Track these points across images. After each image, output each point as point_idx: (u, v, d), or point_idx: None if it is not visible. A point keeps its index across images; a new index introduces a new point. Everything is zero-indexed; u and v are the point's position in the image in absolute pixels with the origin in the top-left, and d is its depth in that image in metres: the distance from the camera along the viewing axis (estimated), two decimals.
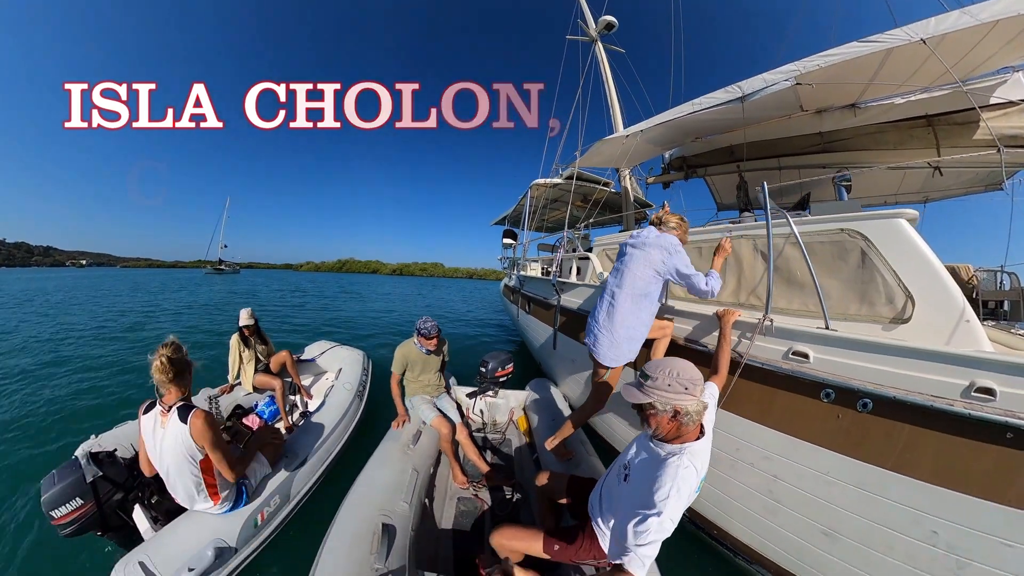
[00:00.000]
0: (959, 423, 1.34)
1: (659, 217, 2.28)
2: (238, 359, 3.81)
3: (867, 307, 1.73)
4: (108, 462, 2.13)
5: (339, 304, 16.31)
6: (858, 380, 1.59)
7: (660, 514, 1.15)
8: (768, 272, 1.94)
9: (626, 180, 6.04)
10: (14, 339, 7.39)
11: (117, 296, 16.39)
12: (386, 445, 2.64)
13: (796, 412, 1.82)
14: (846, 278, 1.82)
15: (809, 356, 1.76)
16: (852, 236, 1.79)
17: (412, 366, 3.19)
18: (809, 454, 1.77)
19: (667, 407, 1.25)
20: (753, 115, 3.31)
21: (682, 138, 4.09)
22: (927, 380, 1.41)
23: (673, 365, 1.29)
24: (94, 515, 1.98)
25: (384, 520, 1.88)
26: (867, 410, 1.56)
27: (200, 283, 28.88)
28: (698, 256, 2.64)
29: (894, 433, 1.50)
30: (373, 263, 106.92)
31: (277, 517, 2.29)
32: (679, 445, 1.30)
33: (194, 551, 1.86)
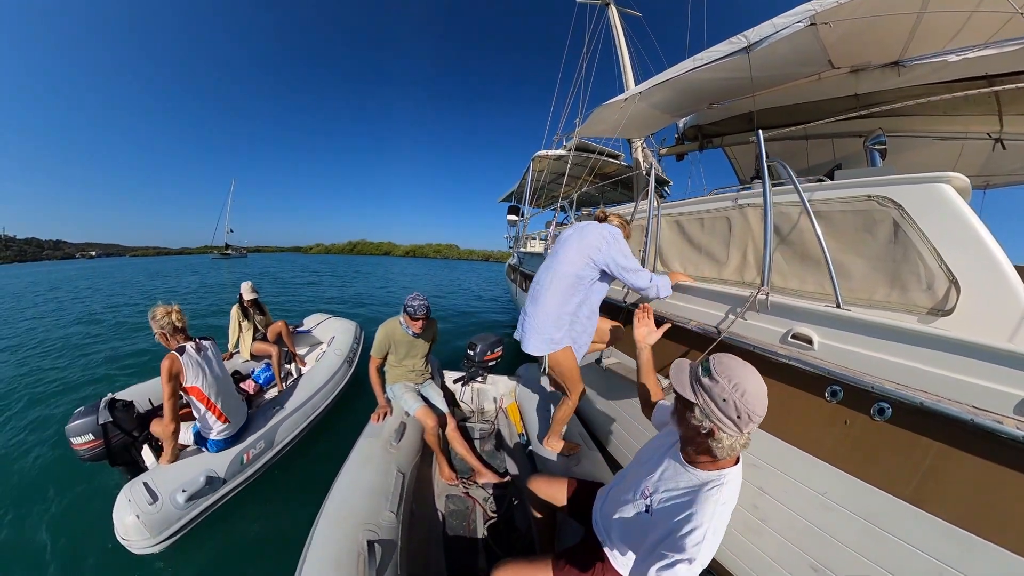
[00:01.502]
0: (1007, 449, 1.01)
1: (603, 214, 2.22)
2: (237, 329, 4.26)
3: (898, 292, 1.44)
4: (121, 410, 2.62)
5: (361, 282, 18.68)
6: (875, 377, 1.27)
7: (691, 561, 0.97)
8: (766, 238, 1.69)
9: (638, 152, 5.69)
10: (67, 316, 9.42)
11: (138, 283, 18.37)
12: (365, 443, 2.43)
13: (792, 411, 1.54)
14: (873, 255, 1.52)
15: (813, 341, 1.48)
16: (882, 204, 1.49)
17: (396, 348, 2.94)
18: (805, 467, 1.50)
19: (705, 421, 1.05)
20: (771, 73, 2.93)
21: (694, 104, 3.71)
22: (970, 385, 1.09)
23: (744, 380, 1.04)
24: (102, 450, 2.50)
25: (369, 536, 1.69)
26: (884, 418, 1.26)
27: (208, 268, 29.98)
28: (700, 228, 2.38)
29: (917, 452, 1.19)
30: (385, 244, 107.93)
31: (262, 459, 2.81)
32: (717, 472, 1.10)
33: (189, 477, 2.35)
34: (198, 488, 2.32)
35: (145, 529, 2.13)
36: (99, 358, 5.95)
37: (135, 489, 2.19)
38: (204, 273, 24.62)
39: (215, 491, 2.46)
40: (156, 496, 2.20)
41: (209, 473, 2.42)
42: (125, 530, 2.12)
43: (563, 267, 2.01)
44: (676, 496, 1.13)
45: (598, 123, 4.09)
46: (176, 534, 2.25)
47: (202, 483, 2.34)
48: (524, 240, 6.73)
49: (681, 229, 2.59)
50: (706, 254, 2.36)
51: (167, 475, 2.33)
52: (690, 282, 2.17)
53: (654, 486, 1.21)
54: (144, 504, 2.15)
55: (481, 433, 3.41)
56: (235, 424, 2.69)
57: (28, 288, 16.89)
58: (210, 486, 2.40)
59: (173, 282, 18.67)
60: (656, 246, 2.75)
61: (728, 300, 1.86)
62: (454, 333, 7.73)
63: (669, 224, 2.70)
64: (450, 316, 10.42)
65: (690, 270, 2.45)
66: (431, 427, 2.68)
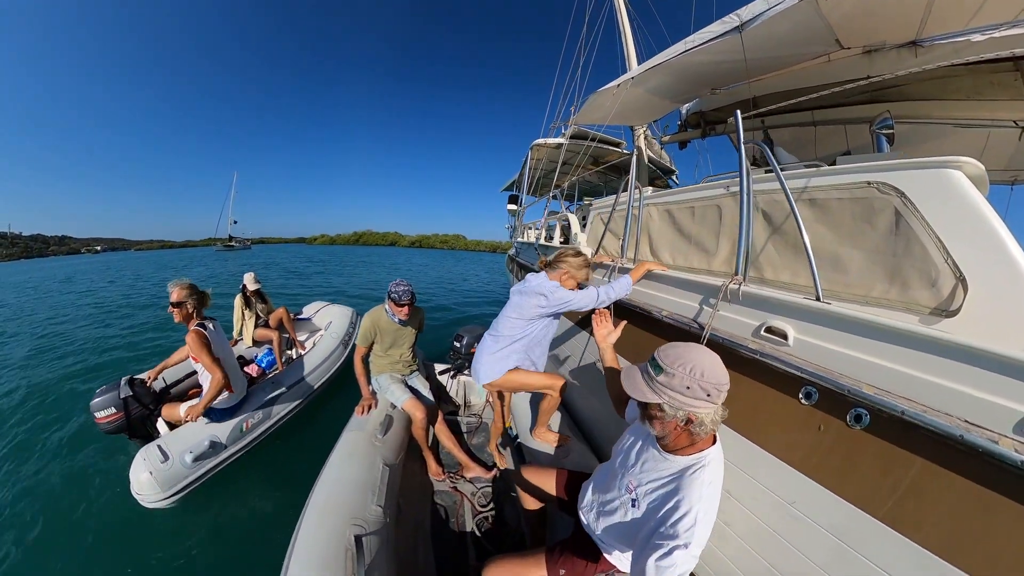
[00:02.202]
0: (1001, 473, 0.89)
1: (546, 261, 2.29)
2: (241, 317, 4.59)
3: (898, 289, 1.29)
4: (140, 387, 3.03)
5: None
6: (853, 379, 1.17)
7: (687, 545, 0.99)
8: (741, 224, 1.63)
9: (640, 139, 5.51)
10: (97, 306, 10.59)
11: (149, 275, 20.00)
12: (350, 436, 2.38)
13: (763, 411, 1.46)
14: (872, 248, 1.37)
15: (788, 336, 1.38)
16: (883, 192, 1.34)
17: (381, 337, 2.86)
18: (773, 472, 1.41)
19: (678, 413, 1.07)
20: (771, 54, 2.75)
21: (695, 89, 3.53)
22: (964, 396, 0.96)
23: (697, 361, 1.07)
24: (122, 422, 2.88)
25: (356, 531, 1.66)
26: (861, 425, 1.16)
27: (213, 260, 30.90)
28: (691, 217, 2.24)
29: (897, 468, 1.09)
30: (391, 235, 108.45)
31: (259, 428, 3.22)
32: (696, 455, 1.13)
33: (195, 441, 2.73)
34: (203, 451, 2.71)
35: (157, 485, 2.49)
36: (118, 342, 6.83)
37: (150, 451, 2.57)
38: (211, 265, 26.87)
39: (218, 454, 2.86)
40: (167, 456, 2.57)
41: (213, 438, 2.82)
42: (140, 486, 2.49)
43: (502, 327, 2.19)
44: (660, 485, 1.15)
45: (594, 110, 3.93)
46: (183, 491, 2.62)
47: (207, 446, 2.75)
48: (522, 230, 6.62)
49: (672, 218, 2.46)
50: (696, 244, 2.23)
51: (177, 439, 2.71)
52: (662, 270, 2.11)
53: (637, 479, 1.22)
54: (157, 463, 2.52)
55: (468, 427, 3.35)
56: (238, 394, 3.07)
57: (44, 281, 18.58)
58: (213, 450, 2.81)
59: (182, 273, 20.63)
60: (647, 236, 2.62)
61: (701, 290, 1.81)
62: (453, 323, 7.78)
63: (660, 213, 2.56)
64: (453, 306, 10.44)
65: (679, 261, 2.33)
66: (420, 419, 2.61)
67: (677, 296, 2.00)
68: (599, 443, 2.70)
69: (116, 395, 2.86)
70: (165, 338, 7.09)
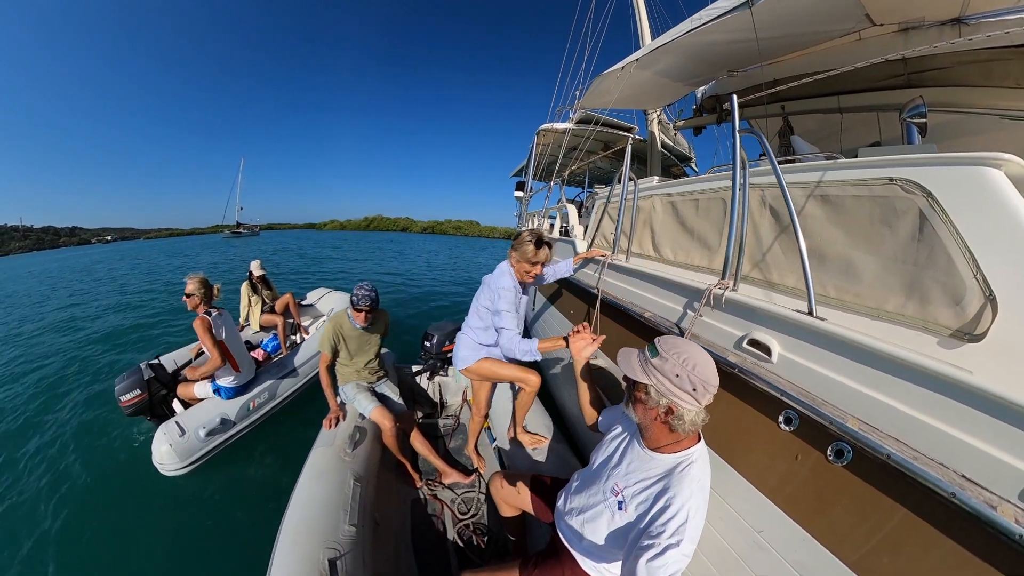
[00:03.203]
0: (995, 544, 0.77)
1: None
2: (247, 303, 4.83)
3: (915, 304, 1.12)
4: (159, 370, 3.42)
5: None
6: (837, 409, 1.08)
7: (680, 543, 0.98)
8: (731, 223, 1.53)
9: (653, 124, 5.26)
10: (123, 294, 11.16)
11: (162, 263, 20.62)
12: (319, 452, 2.31)
13: (739, 431, 1.40)
14: (889, 255, 1.20)
15: (772, 352, 1.30)
16: (907, 190, 1.17)
17: (346, 344, 2.74)
18: (744, 497, 1.34)
19: (661, 400, 1.09)
20: (791, 32, 2.52)
21: (709, 71, 3.29)
22: (966, 447, 0.84)
23: (692, 354, 1.11)
24: (145, 403, 3.20)
25: (330, 555, 1.62)
26: (842, 462, 1.07)
27: (222, 247, 31.68)
28: (694, 210, 2.09)
29: (875, 514, 1.00)
30: (403, 220, 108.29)
31: (265, 407, 3.56)
32: (683, 452, 1.14)
33: (208, 418, 3.09)
34: (214, 426, 3.07)
35: (175, 455, 2.85)
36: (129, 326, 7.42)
37: (169, 426, 2.91)
38: (221, 252, 27.58)
39: (227, 430, 3.21)
40: (184, 431, 2.92)
41: (223, 415, 3.17)
42: (160, 456, 2.85)
43: (480, 306, 2.19)
44: (649, 485, 1.13)
45: (600, 94, 3.72)
46: (197, 461, 2.99)
47: (218, 423, 3.11)
48: (527, 218, 6.46)
49: (675, 211, 2.30)
50: (699, 239, 2.08)
51: (192, 416, 3.07)
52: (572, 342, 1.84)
53: (624, 481, 1.21)
54: (175, 436, 2.87)
55: (445, 429, 3.26)
56: (245, 375, 3.40)
57: (62, 271, 19.43)
58: (223, 426, 3.16)
59: (193, 261, 21.68)
60: (649, 229, 2.47)
61: (685, 293, 1.77)
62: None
63: (664, 205, 2.40)
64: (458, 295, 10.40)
65: (680, 257, 2.20)
66: (388, 428, 2.52)
67: (663, 297, 1.94)
68: (581, 445, 2.62)
69: (140, 377, 3.24)
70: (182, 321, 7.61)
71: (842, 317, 1.26)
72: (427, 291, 11.28)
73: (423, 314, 8.42)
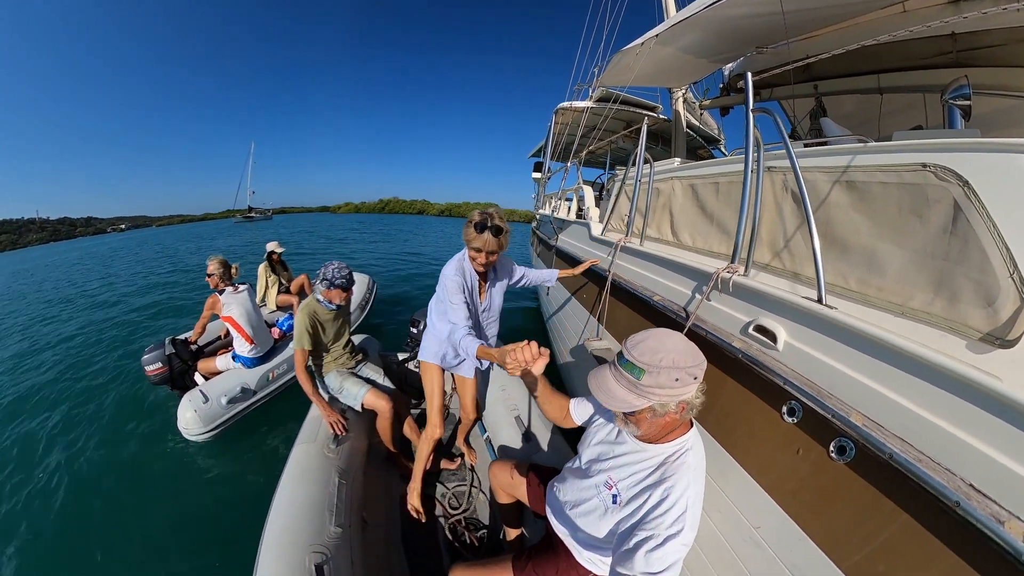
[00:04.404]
0: (999, 565, 0.73)
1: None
2: (265, 284, 5.10)
3: (944, 302, 1.05)
4: (181, 345, 3.72)
5: None
6: (843, 403, 1.04)
7: (680, 532, 0.98)
8: (742, 207, 1.50)
9: (678, 103, 5.08)
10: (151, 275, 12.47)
11: (180, 249, 21.79)
12: (300, 450, 2.22)
13: (742, 420, 1.38)
14: (919, 247, 1.13)
15: (778, 339, 1.26)
16: (941, 177, 1.08)
17: (324, 331, 2.58)
18: (743, 489, 1.32)
19: (670, 406, 1.03)
20: (824, 3, 2.35)
21: (736, 47, 3.10)
22: (979, 456, 0.80)
23: (671, 348, 1.02)
24: (167, 374, 3.51)
25: (317, 559, 1.58)
26: (845, 459, 1.03)
27: (235, 231, 32.58)
28: (714, 194, 2.02)
29: (875, 517, 0.96)
30: (419, 203, 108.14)
31: (283, 378, 3.87)
32: (677, 440, 1.13)
33: (229, 386, 3.39)
34: (235, 394, 3.37)
35: (199, 420, 3.13)
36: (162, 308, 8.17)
37: (194, 394, 3.21)
38: (237, 235, 29.19)
39: (247, 399, 3.52)
40: (207, 398, 3.22)
41: (244, 384, 3.46)
42: (185, 422, 3.14)
43: (439, 299, 2.06)
44: (644, 476, 1.12)
45: (621, 71, 3.58)
46: (219, 427, 3.27)
47: (238, 392, 3.40)
48: (543, 200, 6.38)
49: (695, 195, 2.23)
50: (718, 225, 2.02)
51: (215, 386, 3.38)
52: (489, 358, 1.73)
53: (617, 475, 1.19)
54: (200, 403, 3.17)
55: None
56: (261, 347, 3.70)
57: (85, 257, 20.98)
58: (244, 395, 3.45)
59: (211, 244, 23.03)
60: (669, 213, 2.41)
61: (696, 277, 1.74)
62: None
63: (684, 188, 2.33)
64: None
65: (699, 243, 2.14)
66: (386, 411, 2.45)
67: (672, 281, 1.93)
68: (576, 435, 2.61)
69: (162, 352, 3.50)
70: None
71: (864, 312, 1.20)
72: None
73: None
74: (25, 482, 3.10)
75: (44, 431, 3.75)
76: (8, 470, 3.25)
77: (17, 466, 3.29)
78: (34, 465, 3.28)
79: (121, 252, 21.86)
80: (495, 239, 1.85)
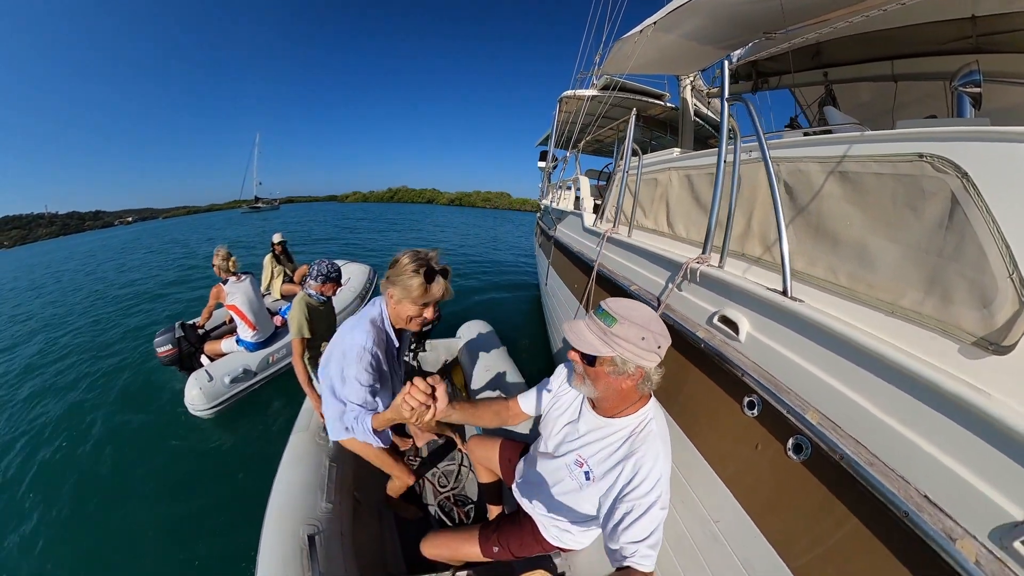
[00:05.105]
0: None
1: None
2: (270, 274, 5.32)
3: (935, 302, 0.98)
4: (189, 329, 4.03)
5: None
6: (800, 400, 1.02)
7: (660, 497, 1.04)
8: (716, 198, 1.52)
9: (686, 91, 4.95)
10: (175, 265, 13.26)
11: (191, 240, 22.37)
12: (296, 439, 2.39)
13: (705, 411, 1.38)
14: (910, 242, 1.06)
15: (739, 331, 1.26)
16: (938, 168, 1.01)
17: (317, 324, 2.70)
18: (704, 482, 1.32)
19: (628, 367, 1.06)
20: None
21: (743, 32, 2.97)
22: (936, 466, 0.75)
23: (643, 310, 1.10)
24: (176, 355, 3.88)
25: (310, 531, 1.74)
26: (800, 457, 1.01)
27: (242, 223, 33.18)
28: (708, 185, 1.95)
29: (827, 519, 0.93)
30: (428, 192, 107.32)
31: (283, 362, 4.17)
32: (639, 412, 1.16)
33: (232, 367, 3.73)
34: (237, 375, 3.70)
35: (204, 397, 3.50)
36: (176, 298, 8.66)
37: (199, 374, 3.57)
38: (246, 226, 29.86)
39: (249, 379, 3.85)
40: (212, 377, 3.56)
41: (245, 366, 3.80)
42: (191, 398, 3.50)
43: (329, 365, 1.73)
44: (613, 451, 1.15)
45: (623, 59, 3.48)
46: (222, 404, 3.63)
47: (240, 372, 3.73)
48: (550, 190, 6.32)
49: (691, 185, 2.17)
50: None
51: (219, 366, 3.70)
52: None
53: (585, 452, 1.21)
54: (204, 382, 3.52)
55: None
56: (263, 333, 4.01)
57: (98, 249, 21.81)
58: (245, 375, 3.79)
59: (222, 235, 24.13)
60: (665, 204, 2.35)
61: (673, 267, 1.73)
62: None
63: (680, 179, 2.26)
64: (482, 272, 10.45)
65: (692, 234, 2.10)
66: None
67: (649, 271, 1.96)
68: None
69: (172, 335, 3.86)
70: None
71: (852, 310, 1.14)
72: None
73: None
74: (70, 444, 3.60)
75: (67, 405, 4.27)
76: (51, 431, 3.81)
77: (59, 429, 3.83)
78: (79, 431, 3.78)
79: (132, 245, 22.73)
80: (447, 282, 1.49)
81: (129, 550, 2.55)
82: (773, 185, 1.22)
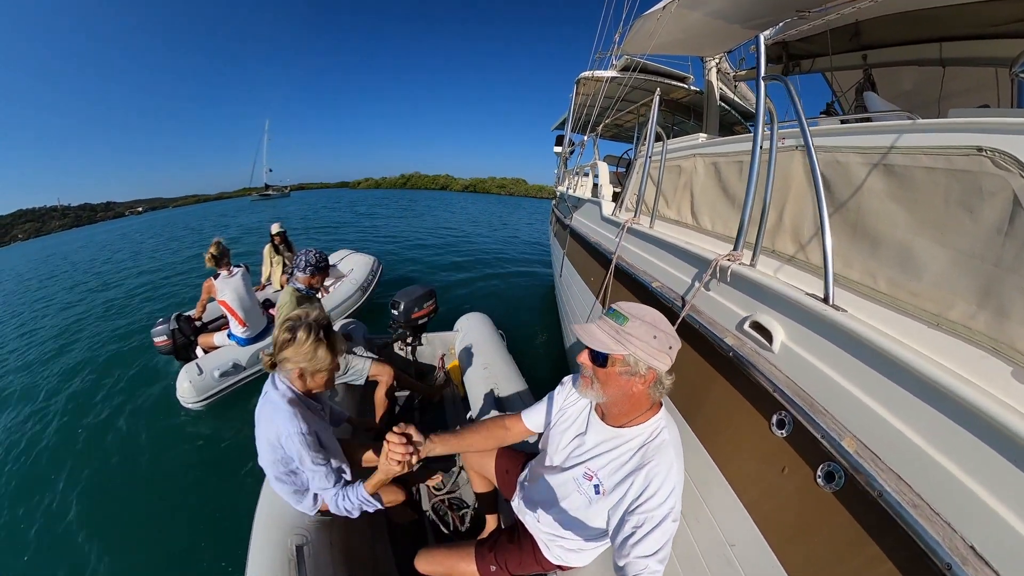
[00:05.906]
0: None
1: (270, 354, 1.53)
2: (269, 264, 5.33)
3: (989, 316, 0.89)
4: (184, 321, 4.11)
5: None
6: (837, 423, 0.92)
7: (673, 510, 1.02)
8: (748, 187, 1.39)
9: (711, 74, 4.73)
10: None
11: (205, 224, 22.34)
12: None
13: (729, 424, 1.29)
14: (963, 247, 0.97)
15: (773, 340, 1.15)
16: (1000, 165, 0.91)
17: None
18: (722, 501, 1.24)
19: (639, 367, 1.03)
20: None
21: (771, 11, 2.74)
22: (990, 516, 0.66)
23: (657, 315, 1.08)
24: (171, 347, 3.99)
25: (298, 541, 1.68)
26: (832, 487, 0.92)
27: (252, 210, 33.54)
28: (737, 174, 1.85)
29: (856, 558, 0.85)
30: (442, 178, 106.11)
31: None
32: (650, 422, 1.13)
33: (222, 361, 3.74)
34: (227, 369, 3.73)
35: (194, 390, 3.55)
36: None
37: (190, 367, 3.62)
38: (257, 213, 29.93)
39: (238, 373, 3.86)
40: (202, 371, 3.60)
41: (235, 361, 3.81)
42: (182, 391, 3.57)
43: (266, 463, 1.66)
44: (624, 463, 1.13)
45: (644, 38, 3.31)
46: (212, 397, 3.68)
47: (230, 367, 3.75)
48: (566, 176, 6.17)
49: (717, 174, 2.06)
50: (739, 208, 1.86)
51: (210, 360, 3.73)
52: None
53: (595, 464, 1.19)
54: (195, 375, 3.57)
55: (420, 401, 3.28)
56: (253, 329, 3.97)
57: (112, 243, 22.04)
58: (235, 370, 3.81)
59: (235, 220, 24.20)
60: (689, 193, 2.25)
61: (696, 264, 1.65)
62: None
63: (706, 167, 2.16)
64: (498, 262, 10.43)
65: (718, 227, 2.00)
66: (388, 380, 2.61)
67: (673, 267, 1.85)
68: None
69: (168, 326, 3.95)
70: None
71: (891, 319, 1.05)
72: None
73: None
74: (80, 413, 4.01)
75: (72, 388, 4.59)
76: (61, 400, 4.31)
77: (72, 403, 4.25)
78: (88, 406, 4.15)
79: (146, 234, 23.13)
80: (344, 346, 1.60)
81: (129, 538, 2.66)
82: (817, 176, 1.11)
